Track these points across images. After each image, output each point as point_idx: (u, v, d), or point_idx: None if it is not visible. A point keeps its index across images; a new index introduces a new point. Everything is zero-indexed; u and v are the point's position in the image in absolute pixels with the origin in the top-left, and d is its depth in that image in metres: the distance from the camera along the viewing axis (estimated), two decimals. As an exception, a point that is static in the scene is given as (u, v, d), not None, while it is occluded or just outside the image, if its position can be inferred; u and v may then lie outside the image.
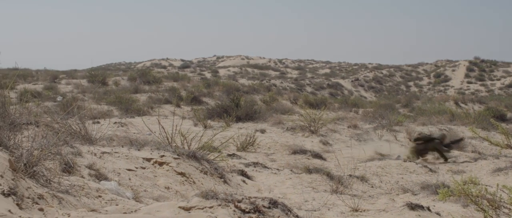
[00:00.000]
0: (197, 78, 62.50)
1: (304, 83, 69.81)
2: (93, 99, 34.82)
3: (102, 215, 5.42)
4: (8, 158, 6.13)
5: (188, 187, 9.74)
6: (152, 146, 11.55)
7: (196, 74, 73.98)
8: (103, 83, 44.38)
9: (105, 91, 38.64)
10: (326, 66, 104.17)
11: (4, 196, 5.30)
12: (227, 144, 15.32)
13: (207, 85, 45.28)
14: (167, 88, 42.19)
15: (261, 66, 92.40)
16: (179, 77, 52.83)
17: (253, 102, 32.00)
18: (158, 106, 33.15)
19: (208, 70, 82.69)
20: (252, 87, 49.03)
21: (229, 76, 73.13)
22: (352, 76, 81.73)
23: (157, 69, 74.76)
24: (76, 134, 11.55)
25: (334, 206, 10.35)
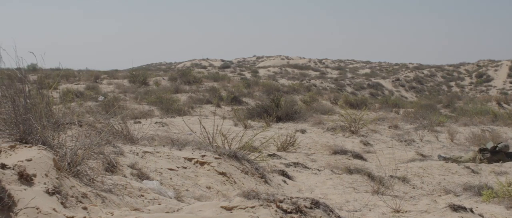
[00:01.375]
0: (237, 78, 62.58)
1: (344, 83, 69.52)
2: (134, 99, 35.06)
3: (145, 214, 5.45)
4: (52, 157, 6.19)
5: (229, 186, 9.75)
6: (193, 145, 11.59)
7: (236, 75, 74.06)
8: (144, 83, 44.70)
9: (146, 91, 38.89)
10: (366, 66, 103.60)
11: (48, 195, 5.36)
12: (268, 144, 15.32)
13: (247, 86, 45.32)
14: (207, 88, 42.31)
15: (301, 66, 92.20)
16: (219, 78, 52.96)
17: (293, 103, 31.98)
18: (198, 106, 33.29)
19: (248, 71, 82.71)
20: (292, 87, 48.97)
21: (269, 77, 73.07)
22: (392, 76, 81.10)
23: (197, 70, 74.98)
24: (118, 133, 11.64)
25: (376, 207, 10.28)
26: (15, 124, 6.89)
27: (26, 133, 6.77)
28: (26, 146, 6.50)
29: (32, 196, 5.10)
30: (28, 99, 7.10)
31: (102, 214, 5.39)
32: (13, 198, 4.91)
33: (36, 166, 5.82)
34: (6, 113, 7.12)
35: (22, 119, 6.85)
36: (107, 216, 5.33)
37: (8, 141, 6.70)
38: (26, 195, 5.10)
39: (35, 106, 7.13)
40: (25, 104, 6.99)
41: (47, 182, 5.64)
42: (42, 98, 7.45)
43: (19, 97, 7.11)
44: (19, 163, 5.74)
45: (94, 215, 5.33)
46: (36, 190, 5.33)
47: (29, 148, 6.43)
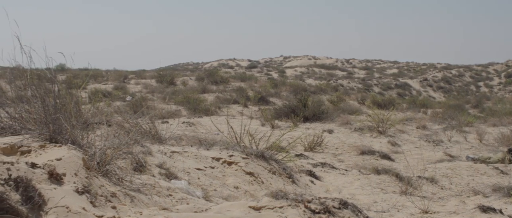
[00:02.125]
0: (264, 78, 62.56)
1: (372, 84, 69.25)
2: (161, 99, 35.20)
3: (174, 214, 5.47)
4: (81, 157, 6.23)
5: (257, 186, 9.76)
6: (221, 145, 11.62)
7: (263, 75, 74.15)
8: (171, 83, 44.85)
9: (173, 91, 39.02)
10: (394, 66, 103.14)
11: (78, 194, 5.40)
12: (295, 144, 15.31)
13: (274, 86, 45.33)
14: (234, 88, 42.39)
15: (328, 66, 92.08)
16: (246, 78, 53.04)
17: (321, 103, 31.96)
18: (225, 106, 33.34)
19: (275, 70, 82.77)
20: (319, 87, 48.94)
21: (296, 76, 73.03)
22: (420, 77, 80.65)
23: (224, 70, 75.20)
24: (146, 133, 11.70)
25: (404, 208, 10.23)
26: (45, 123, 6.95)
27: (55, 132, 6.82)
28: (56, 146, 6.55)
29: (62, 195, 5.13)
30: (57, 99, 7.15)
31: (131, 214, 5.42)
32: (43, 197, 4.95)
33: (65, 165, 5.86)
34: (36, 113, 7.19)
35: (52, 119, 6.90)
36: (136, 216, 5.36)
37: (38, 140, 6.75)
38: (56, 194, 5.13)
39: (64, 106, 7.18)
40: (55, 104, 7.04)
41: (76, 181, 5.68)
42: (71, 98, 7.51)
43: (48, 97, 7.16)
44: (49, 162, 5.79)
45: (123, 214, 5.36)
46: (66, 189, 5.37)
47: (58, 147, 6.47)
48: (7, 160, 5.42)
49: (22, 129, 7.33)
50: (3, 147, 6.51)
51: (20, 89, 8.02)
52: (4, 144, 6.58)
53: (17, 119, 7.61)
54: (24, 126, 7.39)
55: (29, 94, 7.47)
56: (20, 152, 6.47)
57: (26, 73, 7.59)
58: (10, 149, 6.49)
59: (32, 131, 7.05)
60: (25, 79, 7.59)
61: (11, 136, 7.18)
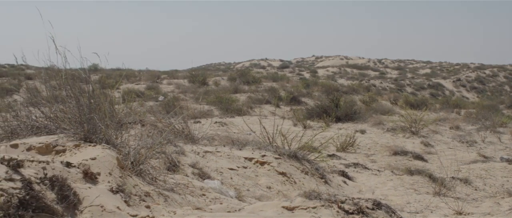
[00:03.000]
0: (296, 78, 62.49)
1: (404, 84, 68.78)
2: (193, 99, 35.31)
3: (207, 213, 5.48)
4: (116, 156, 6.28)
5: (289, 187, 9.75)
6: (253, 145, 11.62)
7: (295, 75, 74.02)
8: (203, 83, 44.98)
9: (205, 91, 39.12)
10: (426, 66, 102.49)
11: (112, 193, 5.44)
12: (327, 144, 15.26)
13: (306, 86, 45.28)
14: (266, 88, 42.37)
15: (360, 66, 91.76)
16: (278, 78, 53.03)
17: (353, 103, 31.82)
18: (257, 106, 33.34)
19: (307, 71, 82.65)
20: (351, 87, 48.78)
21: (328, 77, 72.81)
22: (453, 77, 79.93)
23: (256, 70, 75.29)
24: (179, 133, 11.75)
25: (437, 209, 10.15)
26: (80, 123, 7.01)
27: (90, 132, 6.88)
28: (90, 145, 6.61)
29: (97, 194, 5.17)
30: (92, 99, 7.21)
31: (165, 213, 5.44)
32: (78, 196, 4.99)
33: (100, 165, 5.91)
34: (71, 112, 7.25)
35: (86, 118, 6.95)
36: (169, 215, 5.38)
37: (73, 140, 6.81)
38: (91, 193, 5.17)
39: (98, 106, 7.24)
40: (89, 104, 7.10)
41: (111, 180, 5.72)
42: (105, 98, 7.57)
43: (83, 97, 7.23)
44: (83, 161, 5.84)
45: (157, 214, 5.38)
46: (101, 188, 5.41)
47: (93, 146, 6.53)
48: (43, 159, 5.48)
49: (57, 129, 7.41)
50: (39, 146, 6.58)
51: (55, 89, 8.10)
52: (39, 143, 6.65)
53: (52, 118, 7.69)
54: (59, 125, 7.46)
55: (64, 94, 7.54)
56: (55, 151, 6.54)
57: (60, 73, 7.66)
58: (45, 148, 6.56)
59: (67, 131, 7.12)
60: (60, 79, 7.66)
61: (46, 135, 7.25)
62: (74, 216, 4.82)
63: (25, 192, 4.67)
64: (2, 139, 7.45)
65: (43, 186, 4.86)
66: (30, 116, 7.87)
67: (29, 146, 6.65)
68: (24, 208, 4.53)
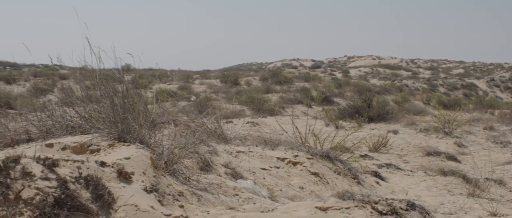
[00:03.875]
0: (328, 78, 62.35)
1: (437, 84, 68.24)
2: (225, 99, 35.38)
3: (240, 213, 5.49)
4: (149, 156, 6.31)
5: (322, 187, 9.72)
6: (286, 145, 11.61)
7: (326, 75, 73.82)
8: (235, 83, 45.07)
9: (237, 91, 39.20)
10: (459, 66, 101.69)
11: (146, 193, 5.47)
12: (359, 144, 15.21)
13: (338, 86, 45.16)
14: (298, 88, 42.35)
15: (393, 66, 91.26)
16: (310, 78, 53.01)
17: (385, 103, 31.67)
18: (289, 107, 33.33)
19: (338, 71, 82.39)
20: (383, 87, 48.59)
21: (360, 77, 72.49)
22: (487, 77, 79.13)
23: (288, 70, 75.22)
24: (212, 133, 11.77)
25: (471, 210, 10.07)
26: (114, 122, 7.06)
27: (124, 131, 6.92)
28: (124, 145, 6.65)
29: (131, 194, 5.20)
30: (125, 99, 7.26)
31: (198, 213, 5.46)
32: (112, 195, 5.03)
33: (134, 164, 5.94)
34: (105, 112, 7.31)
35: (120, 118, 7.00)
36: (203, 215, 5.40)
37: (107, 139, 6.86)
38: (125, 193, 5.21)
39: (132, 105, 7.29)
40: (123, 104, 7.15)
41: (144, 180, 5.75)
42: (139, 98, 7.61)
43: (117, 97, 7.28)
44: (117, 161, 5.88)
45: (190, 213, 5.40)
46: (135, 188, 5.44)
47: (127, 146, 6.57)
48: (78, 158, 5.52)
49: (91, 128, 7.46)
50: (74, 146, 6.64)
51: (89, 89, 8.17)
52: (74, 142, 6.71)
53: (86, 118, 7.75)
54: (93, 125, 7.52)
55: (98, 94, 7.60)
56: (90, 150, 6.59)
57: (95, 73, 7.73)
58: (80, 147, 6.62)
59: (101, 130, 7.17)
60: (94, 79, 7.73)
61: (81, 135, 7.31)
62: (109, 215, 4.86)
63: (61, 191, 4.71)
64: (37, 138, 7.52)
65: (78, 185, 4.90)
66: (65, 116, 7.93)
67: (64, 145, 6.70)
68: (60, 207, 4.57)
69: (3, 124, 7.66)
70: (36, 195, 4.60)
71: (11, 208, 4.50)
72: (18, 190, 4.61)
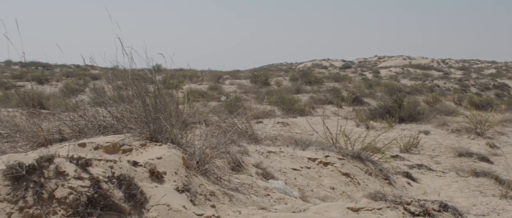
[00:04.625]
0: (358, 78, 62.16)
1: (469, 84, 67.62)
2: (255, 99, 35.39)
3: (272, 214, 5.49)
4: (181, 156, 6.34)
5: (353, 188, 9.69)
6: (317, 146, 11.59)
7: (357, 75, 73.54)
8: (265, 83, 45.09)
9: (267, 91, 39.20)
10: (491, 66, 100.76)
11: (178, 192, 5.49)
12: (390, 145, 15.13)
13: (368, 86, 44.98)
14: (328, 88, 42.27)
15: (424, 67, 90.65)
16: (340, 78, 52.92)
17: (416, 103, 31.46)
18: (319, 107, 33.26)
19: (369, 71, 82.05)
20: (414, 87, 48.29)
21: (390, 77, 72.09)
22: (519, 77, 78.32)
23: (318, 70, 75.07)
24: (242, 133, 11.79)
25: (504, 212, 9.96)
26: (146, 122, 7.10)
27: (156, 131, 6.96)
28: (156, 144, 6.68)
29: (163, 193, 5.23)
30: (157, 99, 7.30)
31: (230, 213, 5.47)
32: (145, 195, 5.06)
33: (166, 164, 5.97)
34: (137, 112, 7.35)
35: (152, 118, 7.04)
36: (235, 215, 5.40)
37: (139, 139, 6.90)
38: (157, 192, 5.23)
39: (164, 105, 7.32)
40: (155, 104, 7.18)
41: (176, 179, 5.78)
42: (171, 98, 7.65)
43: (149, 97, 7.32)
44: (150, 160, 5.91)
45: (222, 213, 5.41)
46: (167, 188, 5.46)
47: (159, 146, 6.60)
48: (110, 158, 5.56)
49: (123, 128, 7.51)
50: (106, 146, 6.69)
51: (121, 89, 8.22)
52: (106, 142, 6.76)
53: (118, 118, 7.80)
54: (125, 125, 7.57)
55: (130, 94, 7.65)
56: (122, 150, 6.63)
57: (127, 73, 7.78)
58: (112, 147, 6.67)
59: (133, 130, 7.21)
60: (126, 79, 7.78)
61: (113, 134, 7.36)
62: (141, 214, 4.88)
63: (94, 190, 4.75)
64: (70, 138, 7.59)
65: (111, 185, 4.93)
66: (97, 116, 8.00)
67: (96, 145, 6.76)
68: (93, 206, 4.61)
69: (36, 123, 7.74)
70: (69, 194, 4.65)
71: (45, 207, 4.54)
72: (51, 189, 4.65)
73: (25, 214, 4.51)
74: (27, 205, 4.54)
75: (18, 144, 7.75)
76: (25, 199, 4.59)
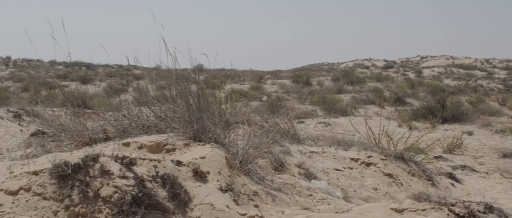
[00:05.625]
0: (400, 78, 61.71)
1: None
2: (297, 99, 35.38)
3: (315, 214, 5.48)
4: (224, 155, 6.36)
5: (396, 188, 9.62)
6: (359, 146, 11.54)
7: (399, 75, 73.03)
8: (307, 83, 45.04)
9: (309, 92, 39.15)
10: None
11: (222, 192, 5.51)
12: (433, 145, 15.00)
13: (411, 86, 44.64)
14: (370, 88, 42.06)
15: (467, 66, 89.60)
16: (382, 78, 52.59)
17: (459, 104, 31.14)
18: (361, 107, 33.14)
19: (411, 71, 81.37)
20: (457, 88, 47.78)
21: (433, 77, 71.40)
22: None
23: (360, 70, 74.77)
24: (284, 133, 11.79)
25: (550, 213, 9.81)
26: (189, 122, 7.13)
27: (199, 131, 6.99)
28: (200, 144, 6.71)
29: (206, 193, 5.25)
30: (200, 99, 7.33)
31: (273, 212, 5.47)
32: (189, 194, 5.08)
33: (209, 164, 6.00)
34: (181, 112, 7.39)
35: (196, 118, 7.07)
36: (278, 215, 5.41)
37: (183, 139, 6.94)
38: (201, 192, 5.26)
39: (207, 105, 7.35)
40: (198, 104, 7.22)
41: (220, 179, 5.80)
42: (214, 98, 7.68)
43: (192, 97, 7.36)
44: (193, 160, 5.94)
45: (265, 213, 5.42)
46: (210, 187, 5.49)
47: (202, 146, 6.63)
48: (154, 157, 5.60)
49: (167, 128, 7.56)
50: (150, 145, 6.74)
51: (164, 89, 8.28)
52: (150, 142, 6.81)
53: (162, 117, 7.85)
54: (168, 124, 7.62)
55: (173, 94, 7.70)
56: (166, 150, 6.68)
57: (170, 73, 7.83)
58: (156, 147, 6.72)
59: (176, 130, 7.26)
60: (169, 79, 7.83)
61: (156, 134, 7.41)
62: (185, 214, 4.91)
63: (138, 189, 4.79)
64: (114, 137, 7.66)
65: (155, 184, 4.97)
66: (140, 115, 8.06)
67: (140, 144, 6.82)
68: (137, 205, 4.65)
69: (81, 123, 7.83)
70: (114, 193, 4.70)
71: (90, 206, 4.60)
72: (97, 188, 4.71)
73: (71, 212, 4.57)
74: (73, 203, 4.61)
75: (63, 143, 7.85)
76: (71, 197, 4.65)
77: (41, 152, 7.69)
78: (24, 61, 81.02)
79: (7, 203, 4.66)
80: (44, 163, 5.40)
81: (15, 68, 69.81)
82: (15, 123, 16.34)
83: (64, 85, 38.75)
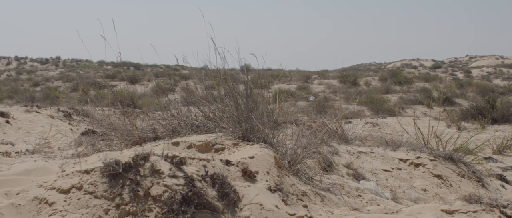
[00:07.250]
0: (449, 78, 61.04)
1: None
2: (344, 99, 35.24)
3: (364, 215, 5.45)
4: (273, 155, 6.36)
5: (445, 190, 9.52)
6: (407, 146, 11.45)
7: (447, 75, 72.22)
8: (354, 83, 44.86)
9: (356, 92, 38.98)
10: None
11: (270, 192, 5.51)
12: (483, 146, 14.80)
13: (459, 86, 44.14)
14: (418, 88, 41.70)
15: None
16: (430, 78, 52.11)
17: (510, 104, 30.64)
18: (408, 107, 32.87)
19: (460, 71, 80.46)
20: (508, 88, 47.07)
21: (482, 77, 70.51)
22: None
23: (407, 70, 74.18)
24: (332, 133, 11.75)
25: None
26: (238, 122, 7.16)
27: (248, 131, 7.01)
28: (248, 144, 6.73)
29: (255, 193, 5.26)
30: (249, 99, 7.35)
31: (322, 213, 5.46)
32: (238, 194, 5.10)
33: (258, 163, 6.01)
34: (229, 112, 7.42)
35: (244, 118, 7.09)
36: (327, 215, 5.39)
37: (231, 139, 6.97)
38: (250, 191, 5.27)
39: (256, 105, 7.37)
40: (247, 104, 7.24)
41: (268, 179, 5.80)
42: (262, 98, 7.69)
43: (241, 97, 7.38)
44: (242, 160, 5.96)
45: (314, 213, 5.41)
46: (259, 187, 5.50)
47: (251, 145, 6.65)
48: (203, 157, 5.64)
49: (215, 127, 7.60)
50: (199, 145, 6.79)
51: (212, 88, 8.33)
52: (199, 141, 6.86)
53: (210, 117, 7.89)
54: (217, 124, 7.65)
55: (222, 94, 7.73)
56: (214, 149, 6.72)
57: (219, 73, 7.87)
58: (205, 146, 6.76)
59: (225, 129, 7.29)
60: (218, 79, 7.87)
61: (205, 133, 7.45)
62: (234, 213, 4.93)
63: (188, 188, 4.82)
64: (163, 136, 7.73)
65: (205, 183, 5.00)
66: (189, 115, 8.12)
67: (189, 144, 6.87)
68: (187, 204, 4.68)
69: (131, 122, 7.91)
70: (164, 192, 4.74)
71: (141, 204, 4.65)
72: (147, 187, 4.76)
73: (121, 211, 4.62)
74: (124, 202, 4.66)
75: (113, 142, 7.95)
76: (122, 196, 4.71)
77: (92, 151, 7.81)
78: (73, 61, 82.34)
79: (59, 201, 4.74)
80: (95, 162, 5.48)
81: (64, 68, 70.94)
82: (66, 122, 16.61)
83: (112, 85, 39.21)
